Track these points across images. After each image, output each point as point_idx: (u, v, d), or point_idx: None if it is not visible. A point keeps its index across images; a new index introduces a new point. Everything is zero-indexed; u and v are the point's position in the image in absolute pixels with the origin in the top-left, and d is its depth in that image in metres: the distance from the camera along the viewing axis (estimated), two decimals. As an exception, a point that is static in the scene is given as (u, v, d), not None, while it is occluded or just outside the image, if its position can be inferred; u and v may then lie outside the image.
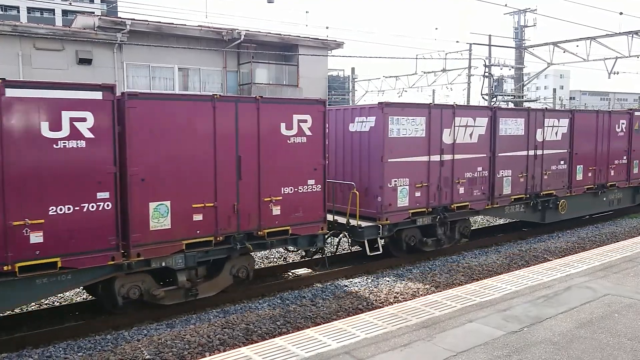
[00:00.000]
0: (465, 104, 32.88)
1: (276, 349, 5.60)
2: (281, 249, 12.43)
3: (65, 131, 7.42)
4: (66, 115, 7.42)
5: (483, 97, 31.82)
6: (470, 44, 33.78)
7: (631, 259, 9.41)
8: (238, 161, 9.05)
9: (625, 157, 17.40)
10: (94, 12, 27.51)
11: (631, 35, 24.67)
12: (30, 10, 62.75)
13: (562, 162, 15.24)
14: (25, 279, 7.26)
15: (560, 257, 12.28)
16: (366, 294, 10.05)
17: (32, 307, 9.32)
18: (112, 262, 7.90)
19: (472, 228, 13.92)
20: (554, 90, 58.97)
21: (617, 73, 28.07)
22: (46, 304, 9.57)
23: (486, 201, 13.21)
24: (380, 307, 9.02)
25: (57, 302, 9.75)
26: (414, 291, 10.32)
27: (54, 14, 62.65)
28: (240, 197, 9.11)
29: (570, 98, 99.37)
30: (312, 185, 9.94)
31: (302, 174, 9.82)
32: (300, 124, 9.74)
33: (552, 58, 28.37)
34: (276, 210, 9.50)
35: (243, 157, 9.10)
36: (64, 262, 7.48)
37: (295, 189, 9.75)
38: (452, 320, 6.39)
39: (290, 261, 12.63)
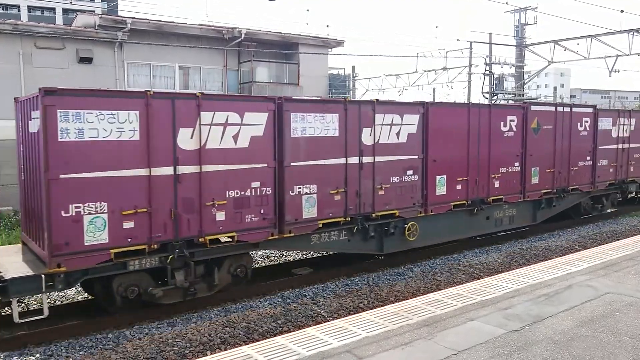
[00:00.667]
0: (466, 101, 32.78)
1: (277, 347, 5.61)
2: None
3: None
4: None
5: (484, 95, 31.78)
6: (471, 42, 33.74)
7: (632, 258, 9.42)
8: None
9: (517, 164, 13.80)
10: (94, 11, 27.52)
11: (632, 33, 24.64)
12: (30, 9, 62.73)
13: (409, 172, 11.60)
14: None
15: (561, 256, 12.29)
16: (367, 292, 10.06)
17: (34, 306, 9.33)
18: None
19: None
20: (555, 88, 58.86)
21: (618, 71, 28.07)
22: (47, 303, 9.56)
23: (270, 229, 9.58)
24: (382, 305, 9.02)
25: (59, 301, 9.76)
26: (415, 290, 10.33)
27: (54, 13, 62.61)
28: None
29: (571, 96, 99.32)
30: None
31: None
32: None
33: (553, 56, 28.35)
34: None
35: None
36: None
37: None
38: (453, 319, 6.39)
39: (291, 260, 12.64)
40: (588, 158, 16.05)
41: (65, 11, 60.19)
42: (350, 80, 45.90)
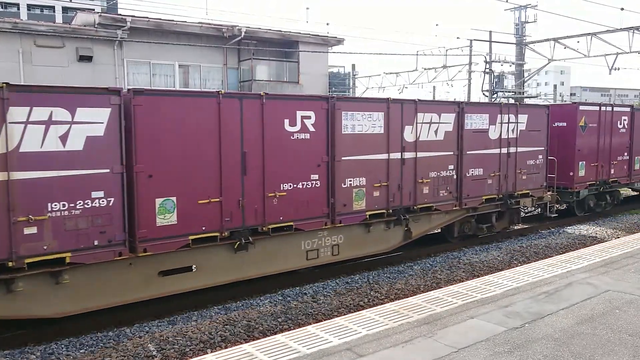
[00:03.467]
0: (466, 100, 32.79)
1: (278, 345, 5.62)
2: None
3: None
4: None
5: (484, 94, 31.76)
6: (471, 40, 33.71)
7: (632, 255, 9.42)
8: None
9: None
10: (94, 9, 27.47)
11: (632, 31, 24.62)
12: (30, 7, 62.64)
13: (450, 167, 12.20)
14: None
15: (560, 254, 12.31)
16: (367, 290, 10.06)
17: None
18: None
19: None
20: (555, 86, 58.88)
21: (618, 69, 28.09)
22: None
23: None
24: (382, 303, 9.04)
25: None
26: (415, 288, 10.34)
27: (54, 11, 62.51)
28: None
29: (571, 94, 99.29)
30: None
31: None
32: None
33: (553, 54, 28.31)
34: None
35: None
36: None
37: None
38: (454, 317, 6.40)
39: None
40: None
41: (65, 9, 60.12)
42: (350, 78, 45.88)
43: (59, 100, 7.40)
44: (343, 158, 10.38)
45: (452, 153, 12.27)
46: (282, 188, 9.61)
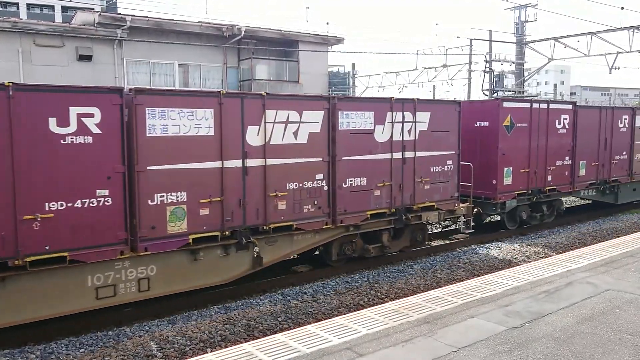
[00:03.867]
0: (466, 99, 32.76)
1: (278, 344, 5.61)
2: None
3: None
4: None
5: (484, 93, 31.76)
6: (471, 40, 33.74)
7: (632, 254, 9.41)
8: None
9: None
10: (93, 9, 27.44)
11: (632, 30, 24.61)
12: (29, 6, 62.60)
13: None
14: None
15: (561, 253, 12.30)
16: (367, 289, 10.06)
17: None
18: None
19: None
20: (555, 85, 58.84)
21: (618, 68, 28.09)
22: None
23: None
24: (382, 303, 9.03)
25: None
26: (415, 287, 10.33)
27: (53, 11, 62.48)
28: None
29: (571, 93, 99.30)
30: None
31: None
32: None
33: (553, 53, 28.31)
34: None
35: None
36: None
37: None
38: (454, 316, 6.39)
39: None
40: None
41: (65, 9, 60.09)
42: (350, 77, 45.87)
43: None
44: (150, 168, 8.18)
45: (320, 159, 10.22)
46: (47, 208, 7.35)
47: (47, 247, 7.39)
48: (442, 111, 12.09)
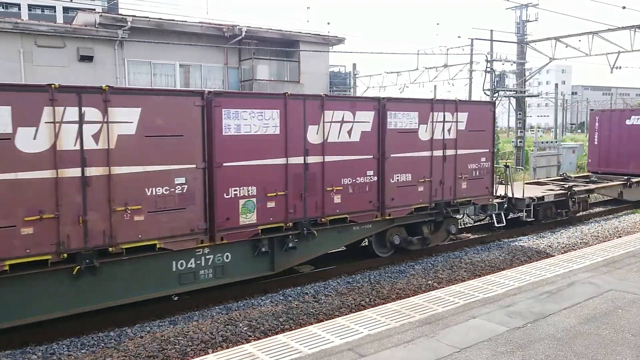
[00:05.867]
0: (467, 99, 32.73)
1: (279, 345, 5.60)
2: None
3: None
4: None
5: (485, 93, 31.71)
6: (472, 39, 33.63)
7: (634, 255, 9.39)
8: None
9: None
10: (95, 9, 27.47)
11: (634, 29, 24.52)
12: (31, 7, 62.70)
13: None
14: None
15: (563, 253, 12.27)
16: (369, 290, 10.05)
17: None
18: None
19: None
20: (556, 85, 58.74)
21: (620, 68, 27.95)
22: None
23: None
24: (383, 303, 9.02)
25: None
26: (417, 287, 10.32)
27: (54, 11, 62.56)
28: None
29: (573, 93, 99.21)
30: None
31: None
32: None
33: (554, 53, 28.22)
34: None
35: None
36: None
37: None
38: (455, 317, 6.38)
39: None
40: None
41: (66, 9, 60.17)
42: (351, 77, 45.83)
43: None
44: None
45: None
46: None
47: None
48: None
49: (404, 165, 11.35)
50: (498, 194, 14.08)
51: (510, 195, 14.37)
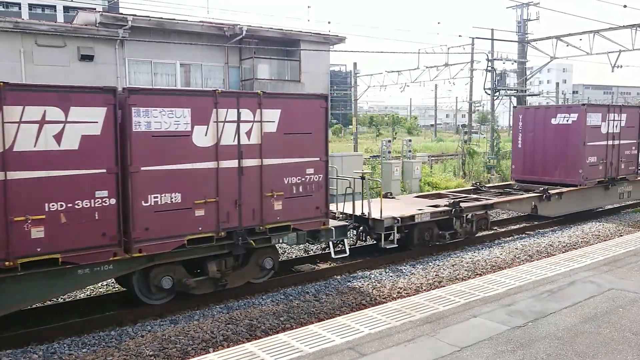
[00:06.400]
0: (468, 98, 32.81)
1: (280, 344, 5.60)
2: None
3: None
4: None
5: (486, 92, 31.70)
6: (473, 38, 33.66)
7: (635, 254, 9.39)
8: None
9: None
10: (95, 9, 27.45)
11: (635, 28, 24.50)
12: (31, 6, 62.75)
13: None
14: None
15: (563, 252, 12.27)
16: (369, 289, 10.05)
17: (36, 304, 9.33)
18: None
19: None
20: (557, 84, 58.73)
21: (621, 66, 27.91)
22: (50, 301, 9.57)
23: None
24: (384, 302, 9.01)
25: (62, 298, 9.76)
26: (417, 286, 10.31)
27: (55, 11, 62.60)
28: None
29: (574, 92, 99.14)
30: None
31: None
32: None
33: (555, 52, 28.21)
34: None
35: None
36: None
37: None
38: (456, 316, 6.38)
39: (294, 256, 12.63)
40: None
41: (66, 9, 60.20)
42: (351, 76, 45.81)
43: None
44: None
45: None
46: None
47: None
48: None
49: (167, 183, 8.31)
50: (353, 214, 11.66)
51: (367, 215, 11.55)
